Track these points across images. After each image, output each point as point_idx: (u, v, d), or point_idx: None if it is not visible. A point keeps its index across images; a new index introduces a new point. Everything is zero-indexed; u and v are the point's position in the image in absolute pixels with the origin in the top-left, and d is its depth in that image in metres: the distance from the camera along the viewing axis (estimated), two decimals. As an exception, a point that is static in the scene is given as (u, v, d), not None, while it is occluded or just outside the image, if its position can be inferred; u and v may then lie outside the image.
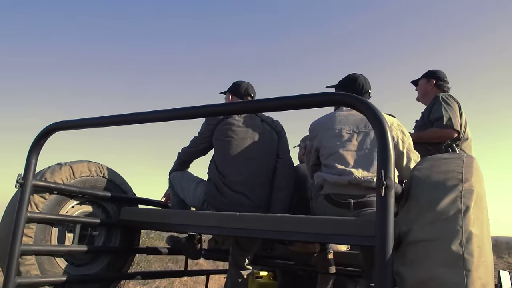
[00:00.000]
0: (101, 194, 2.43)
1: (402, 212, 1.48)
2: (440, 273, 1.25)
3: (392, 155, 1.29)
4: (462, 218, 1.31)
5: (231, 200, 2.48)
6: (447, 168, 1.48)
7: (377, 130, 1.31)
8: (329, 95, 1.41)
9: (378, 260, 1.23)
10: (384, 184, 1.25)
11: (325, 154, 2.35)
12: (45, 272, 2.17)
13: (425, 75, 3.55)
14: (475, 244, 1.28)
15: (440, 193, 1.39)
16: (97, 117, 2.09)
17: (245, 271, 2.70)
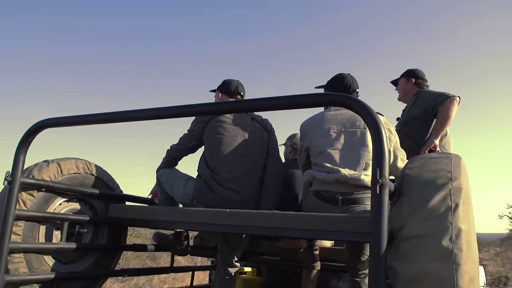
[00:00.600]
0: (88, 191, 2.42)
1: (395, 209, 1.54)
2: (432, 268, 1.32)
3: (387, 155, 1.34)
4: (452, 215, 1.38)
5: (221, 197, 2.50)
6: (437, 167, 1.55)
7: (373, 131, 1.36)
8: (326, 95, 1.45)
9: (372, 255, 1.28)
10: (379, 182, 1.30)
11: (315, 153, 2.41)
12: (33, 269, 2.15)
13: (404, 75, 3.59)
14: (464, 239, 1.35)
15: (431, 191, 1.46)
16: (85, 115, 2.08)
17: (233, 268, 2.72)
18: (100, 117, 2.04)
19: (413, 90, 3.50)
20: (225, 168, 2.54)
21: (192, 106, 1.63)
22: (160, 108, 1.77)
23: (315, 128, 2.45)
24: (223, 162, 2.55)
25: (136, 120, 1.94)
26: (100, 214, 2.53)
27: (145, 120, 1.93)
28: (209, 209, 2.27)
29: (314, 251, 2.55)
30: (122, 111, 1.96)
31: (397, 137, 2.49)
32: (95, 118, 2.07)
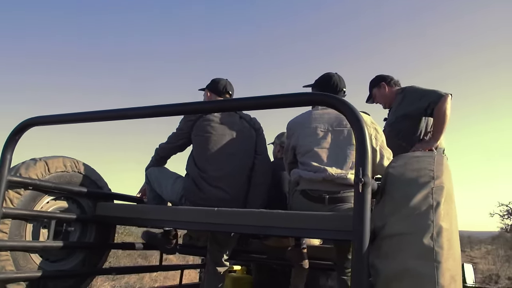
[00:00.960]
0: (76, 190, 2.42)
1: (377, 207, 1.55)
2: (413, 265, 1.33)
3: (369, 154, 1.35)
4: (433, 213, 1.40)
5: (209, 196, 2.51)
6: (419, 166, 1.57)
7: (356, 130, 1.37)
8: (311, 95, 1.46)
9: (355, 253, 1.30)
10: (362, 181, 1.32)
11: (301, 152, 2.42)
12: (20, 267, 2.15)
13: (373, 85, 3.53)
14: (445, 237, 1.36)
15: (413, 189, 1.48)
16: (73, 113, 2.08)
17: (222, 267, 2.73)
18: (87, 115, 2.04)
19: (390, 91, 3.44)
20: (213, 166, 2.55)
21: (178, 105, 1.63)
22: (142, 108, 1.77)
23: (302, 127, 2.47)
24: (211, 161, 2.56)
25: (121, 119, 1.94)
26: (88, 212, 2.52)
27: (130, 119, 1.94)
28: (197, 207, 2.28)
29: (301, 249, 2.56)
30: (107, 110, 1.96)
31: (384, 136, 2.51)
32: (82, 116, 2.07)
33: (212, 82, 2.87)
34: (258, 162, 2.69)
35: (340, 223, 1.68)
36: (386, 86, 3.46)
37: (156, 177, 2.75)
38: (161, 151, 2.80)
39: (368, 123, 2.47)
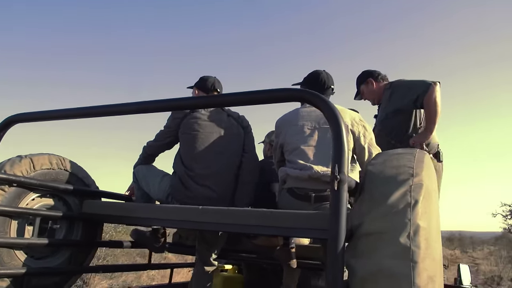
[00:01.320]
0: (62, 187, 2.40)
1: (355, 206, 1.53)
2: (389, 265, 1.30)
3: (346, 151, 1.33)
4: (410, 212, 1.36)
5: (195, 194, 2.49)
6: (399, 163, 1.53)
7: (332, 126, 1.35)
8: (288, 91, 1.43)
9: (330, 252, 1.28)
10: (337, 178, 1.30)
11: (289, 150, 2.40)
12: (4, 264, 2.14)
13: (360, 82, 3.46)
14: (422, 236, 1.33)
15: (392, 187, 1.44)
16: (58, 110, 2.07)
17: (210, 267, 2.71)
18: (70, 112, 2.03)
19: (378, 87, 3.37)
20: (200, 164, 2.53)
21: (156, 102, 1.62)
22: (127, 104, 1.76)
23: (289, 125, 2.45)
24: (198, 159, 2.54)
25: (105, 116, 1.93)
26: (75, 210, 2.50)
27: (116, 115, 1.93)
28: (182, 206, 2.26)
29: (289, 249, 2.53)
30: (90, 107, 1.95)
31: (372, 134, 2.48)
32: (65, 113, 2.06)
33: (200, 79, 2.85)
34: (245, 160, 2.66)
35: (316, 222, 1.65)
36: (373, 82, 3.39)
37: (144, 175, 2.73)
38: (149, 149, 2.78)
39: (356, 120, 2.44)
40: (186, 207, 2.19)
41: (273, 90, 1.45)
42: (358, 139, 2.40)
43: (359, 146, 2.40)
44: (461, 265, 4.14)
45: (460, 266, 4.09)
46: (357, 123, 2.43)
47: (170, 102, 1.64)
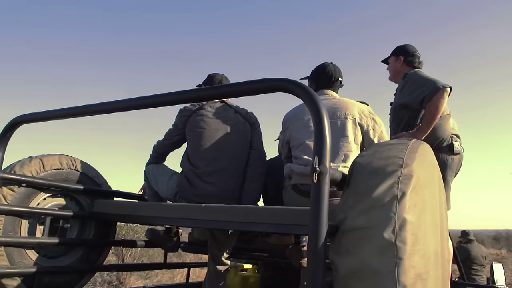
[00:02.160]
0: (72, 187, 2.43)
1: (342, 199, 1.44)
2: (372, 262, 1.21)
3: (328, 141, 1.25)
4: (396, 205, 1.26)
5: (201, 191, 2.47)
6: (389, 154, 1.43)
7: (313, 115, 1.28)
8: (266, 81, 1.37)
9: (309, 249, 1.20)
10: (317, 170, 1.22)
11: (295, 146, 2.34)
12: (15, 263, 2.18)
13: (393, 53, 3.31)
14: (409, 231, 1.23)
15: (378, 179, 1.34)
16: (64, 109, 2.08)
17: (222, 266, 2.68)
18: (76, 110, 2.04)
19: (403, 69, 3.20)
20: (206, 162, 2.50)
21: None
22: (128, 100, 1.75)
23: (295, 120, 2.38)
24: (204, 156, 2.51)
25: (107, 113, 1.93)
26: (87, 209, 2.54)
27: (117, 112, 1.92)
28: (185, 204, 2.24)
29: (301, 247, 2.46)
30: (94, 104, 1.95)
31: (383, 127, 2.37)
32: (72, 111, 2.07)
33: (208, 77, 2.83)
34: (252, 157, 2.61)
35: (300, 217, 1.58)
36: (402, 61, 3.22)
37: (154, 174, 2.74)
38: (159, 148, 2.78)
39: (365, 113, 2.34)
40: (189, 205, 2.17)
41: (254, 81, 1.39)
42: (367, 133, 2.30)
43: (368, 140, 2.30)
44: (494, 264, 3.92)
45: (493, 265, 3.87)
46: (365, 116, 2.33)
47: (160, 98, 1.61)
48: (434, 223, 1.40)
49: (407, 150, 1.43)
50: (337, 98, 2.47)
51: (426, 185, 1.38)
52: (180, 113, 2.64)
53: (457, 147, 2.87)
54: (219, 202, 2.21)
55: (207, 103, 2.60)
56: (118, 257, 8.52)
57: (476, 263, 6.37)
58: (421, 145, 1.53)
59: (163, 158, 2.85)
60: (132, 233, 9.48)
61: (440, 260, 1.47)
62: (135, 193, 3.00)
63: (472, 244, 6.62)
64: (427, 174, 1.43)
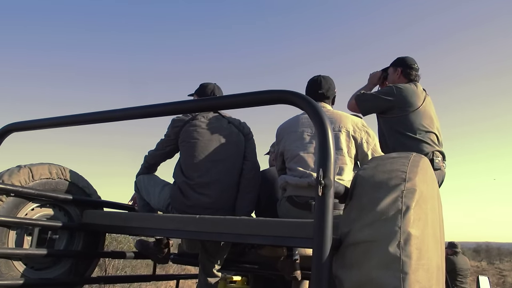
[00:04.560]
0: (61, 197, 2.38)
1: (345, 213, 1.43)
2: (377, 276, 1.21)
3: (332, 154, 1.25)
4: (401, 219, 1.26)
5: (195, 203, 2.44)
6: (391, 168, 1.43)
7: (318, 127, 1.27)
8: (271, 92, 1.36)
9: (314, 262, 1.20)
10: (322, 183, 1.22)
11: (289, 158, 2.34)
12: (2, 275, 2.12)
13: (393, 64, 3.36)
14: (414, 246, 1.23)
15: (382, 193, 1.34)
16: (55, 117, 2.05)
17: (213, 278, 2.64)
18: (67, 119, 2.01)
19: (400, 80, 3.25)
20: (199, 173, 2.48)
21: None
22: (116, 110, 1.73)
23: (289, 132, 2.38)
24: (197, 167, 2.49)
25: (99, 122, 1.90)
26: (76, 220, 2.49)
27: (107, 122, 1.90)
28: (178, 215, 2.21)
29: (293, 260, 2.43)
30: (85, 113, 1.92)
31: (377, 140, 2.39)
32: (62, 120, 2.04)
33: (200, 86, 2.81)
34: (246, 168, 2.60)
35: (302, 230, 1.57)
36: (400, 73, 3.28)
37: (145, 185, 2.70)
38: (150, 158, 2.75)
39: (359, 126, 2.36)
40: (183, 216, 2.15)
41: (257, 93, 1.39)
42: (360, 146, 2.31)
43: (362, 153, 2.31)
44: (481, 276, 3.95)
45: (479, 278, 3.90)
46: (359, 129, 2.34)
47: (156, 108, 1.59)
48: (435, 237, 1.41)
49: (409, 164, 1.44)
50: (330, 110, 2.48)
51: (428, 199, 1.39)
52: (172, 123, 2.61)
53: (437, 162, 2.93)
54: (212, 213, 2.19)
55: (200, 113, 2.58)
56: (101, 268, 8.36)
57: (461, 275, 6.43)
58: (422, 159, 1.54)
59: (154, 169, 2.81)
60: (116, 243, 9.34)
61: (441, 274, 1.47)
62: (126, 204, 2.95)
63: (458, 256, 6.68)
64: (428, 188, 1.43)
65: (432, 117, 3.10)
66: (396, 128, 3.03)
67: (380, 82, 3.41)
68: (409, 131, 2.98)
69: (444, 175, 3.05)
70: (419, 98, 3.05)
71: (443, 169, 3.01)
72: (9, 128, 2.06)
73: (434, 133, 3.04)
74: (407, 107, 3.00)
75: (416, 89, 3.10)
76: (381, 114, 3.15)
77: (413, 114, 3.00)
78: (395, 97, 3.02)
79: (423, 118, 3.02)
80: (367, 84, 3.42)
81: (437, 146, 3.02)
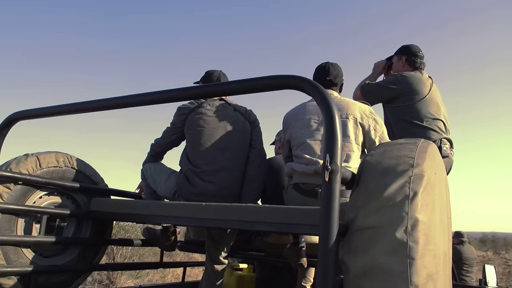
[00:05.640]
0: (69, 185, 2.40)
1: (351, 199, 1.43)
2: (384, 261, 1.20)
3: (339, 139, 1.24)
4: (408, 205, 1.26)
5: (201, 190, 2.44)
6: (399, 154, 1.42)
7: (325, 113, 1.26)
8: (279, 78, 1.35)
9: (320, 249, 1.19)
10: (328, 169, 1.21)
11: (295, 145, 2.33)
12: (11, 262, 2.15)
13: (397, 52, 3.33)
14: (421, 231, 1.23)
15: (389, 179, 1.33)
16: (60, 105, 2.06)
17: (220, 265, 2.65)
18: (73, 107, 2.02)
19: (405, 69, 3.21)
20: (205, 161, 2.48)
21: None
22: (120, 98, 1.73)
23: (296, 119, 2.37)
24: (203, 155, 2.49)
25: (105, 109, 1.90)
26: (83, 208, 2.51)
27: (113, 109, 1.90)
28: (185, 202, 2.22)
29: (299, 247, 2.44)
30: (92, 101, 1.93)
31: (384, 127, 2.37)
32: (69, 108, 2.04)
33: (205, 74, 2.80)
34: (252, 156, 2.59)
35: (309, 217, 1.57)
36: (404, 61, 3.24)
37: (151, 173, 2.71)
38: (156, 147, 2.75)
39: (366, 113, 2.34)
40: (189, 203, 2.15)
41: (264, 78, 1.38)
42: (368, 133, 2.30)
43: (369, 140, 2.30)
44: (487, 265, 3.95)
45: (485, 267, 3.90)
46: (367, 116, 2.33)
47: (163, 94, 1.59)
48: (442, 223, 1.40)
49: (417, 150, 1.43)
50: (338, 97, 2.47)
51: (435, 185, 1.38)
52: (178, 111, 2.61)
53: (445, 150, 2.91)
54: (218, 201, 2.19)
55: (205, 101, 2.57)
56: (109, 257, 8.46)
57: (467, 264, 6.43)
58: (430, 145, 1.53)
59: (160, 157, 2.82)
60: (123, 232, 9.43)
61: (448, 260, 1.47)
62: (132, 192, 2.96)
63: (464, 245, 6.68)
64: (436, 174, 1.42)
65: (439, 105, 3.08)
66: (402, 117, 3.02)
67: (384, 72, 3.39)
68: (416, 119, 2.97)
69: (452, 163, 3.04)
70: (425, 86, 3.03)
71: (451, 157, 2.99)
72: (15, 116, 2.07)
73: (441, 120, 3.03)
74: (413, 95, 2.98)
75: (422, 77, 3.08)
76: (387, 104, 3.13)
77: (419, 103, 2.99)
78: (400, 86, 3.00)
79: (430, 106, 3.00)
80: (372, 74, 3.39)
81: (445, 134, 3.00)
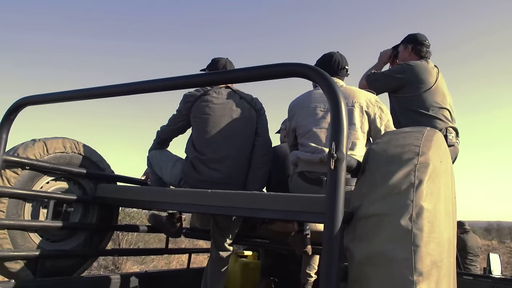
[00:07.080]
0: (75, 171, 2.42)
1: (357, 186, 1.43)
2: (388, 248, 1.21)
3: (345, 127, 1.24)
4: (413, 192, 1.26)
5: (206, 178, 2.45)
6: (405, 142, 1.42)
7: (331, 101, 1.26)
8: (286, 65, 1.35)
9: (325, 236, 1.20)
10: (334, 156, 1.21)
11: (301, 133, 2.33)
12: (18, 246, 2.18)
13: (403, 41, 3.31)
14: (426, 219, 1.23)
15: (395, 167, 1.34)
16: (68, 91, 2.07)
17: (225, 252, 2.67)
18: (81, 93, 2.02)
19: (411, 58, 3.19)
20: (211, 148, 2.48)
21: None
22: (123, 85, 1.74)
23: (302, 107, 2.36)
24: (209, 143, 2.49)
25: (114, 96, 1.92)
26: (90, 193, 2.53)
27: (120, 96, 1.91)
28: (191, 189, 2.23)
29: (304, 235, 2.45)
30: (100, 87, 1.93)
31: (390, 116, 2.36)
32: (76, 94, 2.05)
33: (212, 61, 2.79)
34: (258, 144, 2.59)
35: (314, 205, 1.57)
36: (410, 50, 3.22)
37: (157, 160, 2.71)
38: (162, 134, 2.76)
39: (372, 102, 2.33)
40: (195, 190, 2.16)
41: (270, 66, 1.37)
42: (373, 121, 2.29)
43: (375, 129, 2.29)
44: (491, 254, 3.96)
45: (490, 255, 3.91)
46: (372, 104, 2.32)
47: (169, 81, 1.59)
48: (447, 212, 1.40)
49: (422, 138, 1.42)
50: (344, 86, 2.46)
51: (441, 173, 1.38)
52: (184, 98, 2.60)
53: (451, 139, 2.90)
54: (224, 189, 2.20)
55: (211, 88, 2.57)
56: (114, 242, 8.54)
57: (471, 253, 6.44)
58: (436, 134, 1.52)
59: (166, 144, 2.82)
60: (129, 218, 9.51)
61: (452, 248, 1.47)
62: (138, 178, 2.98)
63: (468, 234, 6.68)
64: (442, 162, 1.42)
65: (445, 93, 3.07)
66: (408, 106, 3.01)
67: (390, 61, 3.38)
68: (421, 108, 2.96)
69: (458, 152, 3.03)
70: (431, 75, 3.02)
71: (457, 146, 2.99)
72: (22, 102, 2.08)
73: (447, 109, 3.02)
74: (419, 84, 2.97)
75: (428, 66, 3.06)
76: (393, 93, 3.12)
77: (426, 93, 2.98)
78: (406, 75, 2.99)
79: (436, 95, 2.99)
80: (377, 63, 3.37)
81: (450, 122, 2.99)
